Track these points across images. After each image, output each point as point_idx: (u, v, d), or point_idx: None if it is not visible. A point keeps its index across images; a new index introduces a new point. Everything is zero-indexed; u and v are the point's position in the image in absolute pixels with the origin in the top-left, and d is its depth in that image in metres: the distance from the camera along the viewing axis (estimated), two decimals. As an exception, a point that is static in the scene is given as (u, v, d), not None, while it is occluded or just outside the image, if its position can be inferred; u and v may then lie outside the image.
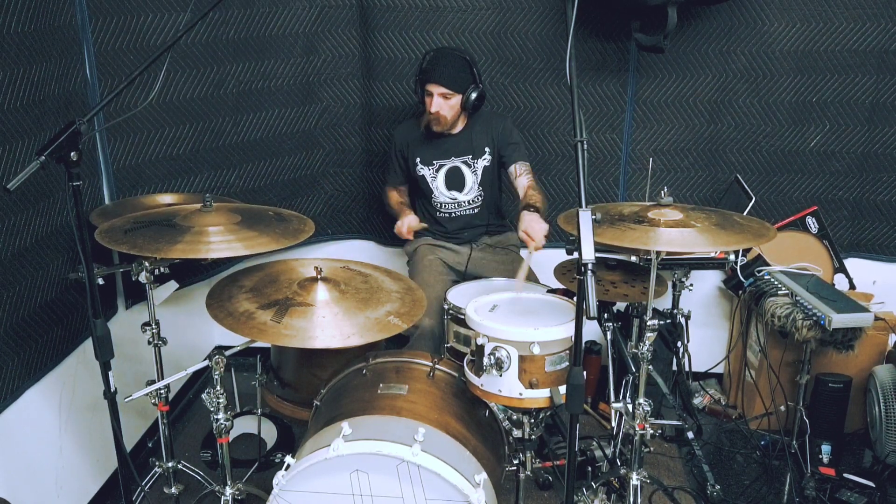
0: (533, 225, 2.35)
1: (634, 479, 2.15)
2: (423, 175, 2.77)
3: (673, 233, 1.94)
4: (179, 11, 2.52)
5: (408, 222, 2.68)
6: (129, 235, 1.86)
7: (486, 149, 2.75)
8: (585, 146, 1.58)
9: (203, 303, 1.87)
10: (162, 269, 2.10)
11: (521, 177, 2.68)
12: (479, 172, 2.76)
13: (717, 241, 1.93)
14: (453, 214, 2.81)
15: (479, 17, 2.89)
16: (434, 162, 2.75)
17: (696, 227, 1.96)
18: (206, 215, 1.98)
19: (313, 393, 2.04)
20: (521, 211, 2.45)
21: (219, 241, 1.87)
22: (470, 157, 2.75)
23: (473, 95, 2.62)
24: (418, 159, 2.76)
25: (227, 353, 1.91)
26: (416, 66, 2.70)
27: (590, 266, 1.46)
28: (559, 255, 2.37)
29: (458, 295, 2.37)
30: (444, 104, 2.61)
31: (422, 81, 2.63)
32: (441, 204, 2.80)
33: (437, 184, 2.77)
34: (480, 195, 2.79)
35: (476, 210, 2.81)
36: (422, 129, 2.72)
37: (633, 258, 2.63)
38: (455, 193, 2.78)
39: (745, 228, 2.02)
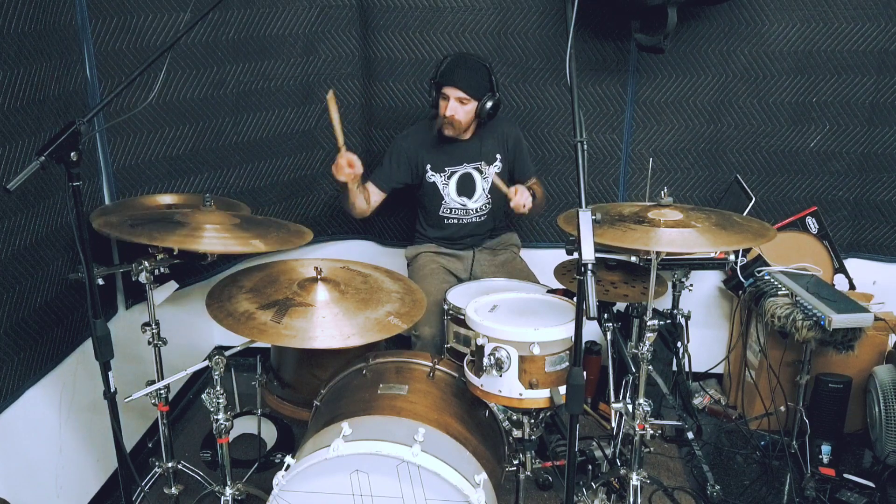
0: (523, 192, 2.57)
1: (634, 480, 2.15)
2: (433, 182, 2.74)
3: (673, 233, 1.93)
4: (179, 11, 2.51)
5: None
6: (129, 228, 1.87)
7: (498, 156, 2.75)
8: (585, 146, 1.58)
9: (203, 303, 1.87)
10: (162, 270, 2.10)
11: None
12: (490, 179, 2.75)
13: (717, 241, 1.94)
14: (461, 221, 2.79)
15: (479, 18, 2.89)
16: (446, 169, 2.73)
17: (696, 227, 1.96)
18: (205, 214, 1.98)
19: (313, 393, 2.04)
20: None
21: (219, 236, 1.88)
22: (482, 163, 2.74)
23: (489, 104, 2.59)
24: (429, 166, 2.73)
25: (227, 353, 1.92)
26: (433, 68, 2.67)
27: (590, 266, 1.47)
28: (559, 256, 2.37)
29: (458, 295, 2.37)
30: (459, 109, 2.58)
31: (438, 84, 2.60)
32: (451, 210, 2.78)
33: (449, 190, 2.75)
34: (488, 203, 2.79)
35: (483, 218, 2.81)
36: (433, 133, 2.68)
37: (633, 258, 2.63)
38: (465, 200, 2.76)
39: (745, 228, 2.02)
